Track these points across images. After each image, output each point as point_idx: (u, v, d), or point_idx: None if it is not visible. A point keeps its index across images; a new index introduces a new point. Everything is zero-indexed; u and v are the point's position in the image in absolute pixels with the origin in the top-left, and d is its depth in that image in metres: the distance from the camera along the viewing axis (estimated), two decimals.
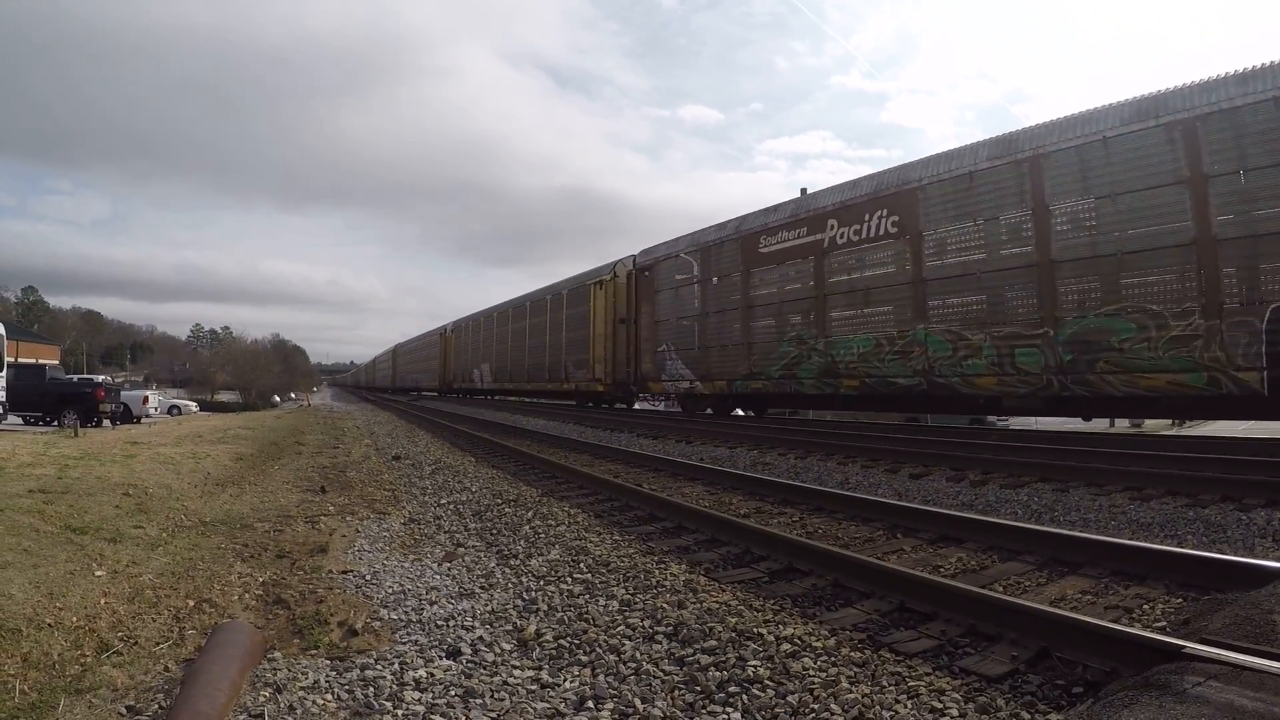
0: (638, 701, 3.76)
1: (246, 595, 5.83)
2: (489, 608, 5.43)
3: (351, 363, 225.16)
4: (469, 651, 4.55)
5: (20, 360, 41.69)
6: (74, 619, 4.80)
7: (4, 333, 23.19)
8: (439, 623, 5.13)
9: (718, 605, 5.20)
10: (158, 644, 4.67)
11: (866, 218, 17.20)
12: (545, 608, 5.37)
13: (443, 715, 3.68)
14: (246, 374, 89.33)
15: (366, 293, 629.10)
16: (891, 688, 3.78)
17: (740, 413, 24.41)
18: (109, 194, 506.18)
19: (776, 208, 20.74)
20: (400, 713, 3.71)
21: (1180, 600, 5.01)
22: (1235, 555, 5.87)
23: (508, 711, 3.70)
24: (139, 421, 32.28)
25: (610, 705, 3.74)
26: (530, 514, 8.89)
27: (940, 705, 3.56)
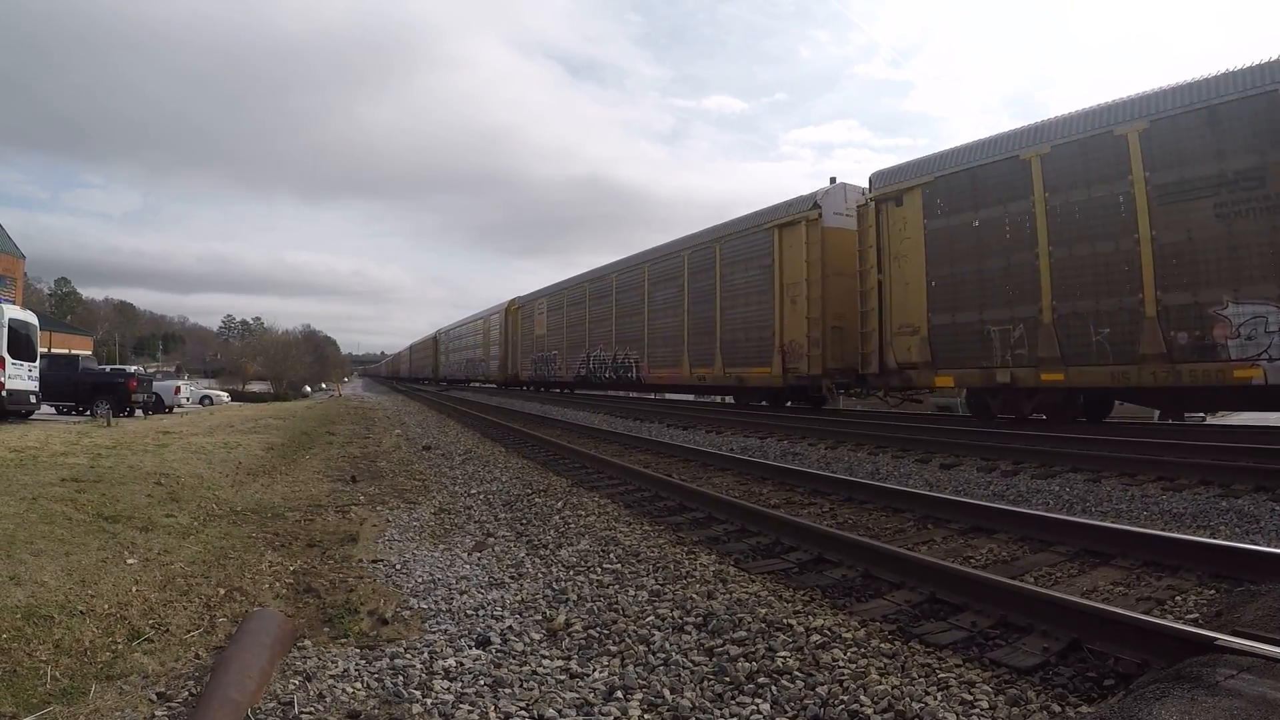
0: (667, 692, 3.75)
1: (277, 584, 5.88)
2: (519, 597, 5.44)
3: (382, 353, 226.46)
4: (498, 641, 4.56)
5: (53, 351, 42.22)
6: (106, 606, 4.85)
7: (38, 323, 23.46)
8: (469, 612, 5.15)
9: (747, 596, 5.20)
10: (189, 631, 4.72)
11: None
12: (575, 598, 5.38)
13: (472, 705, 3.69)
14: (278, 364, 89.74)
15: (392, 283, 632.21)
16: (921, 679, 3.76)
17: None
18: (140, 187, 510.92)
19: None
20: (429, 702, 3.72)
21: (1213, 592, 4.96)
22: (1269, 546, 5.80)
23: (537, 701, 3.70)
24: (171, 411, 32.57)
25: (639, 696, 3.73)
26: (560, 504, 8.91)
27: (971, 697, 3.54)
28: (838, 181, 20.99)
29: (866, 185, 19.07)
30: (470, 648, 4.48)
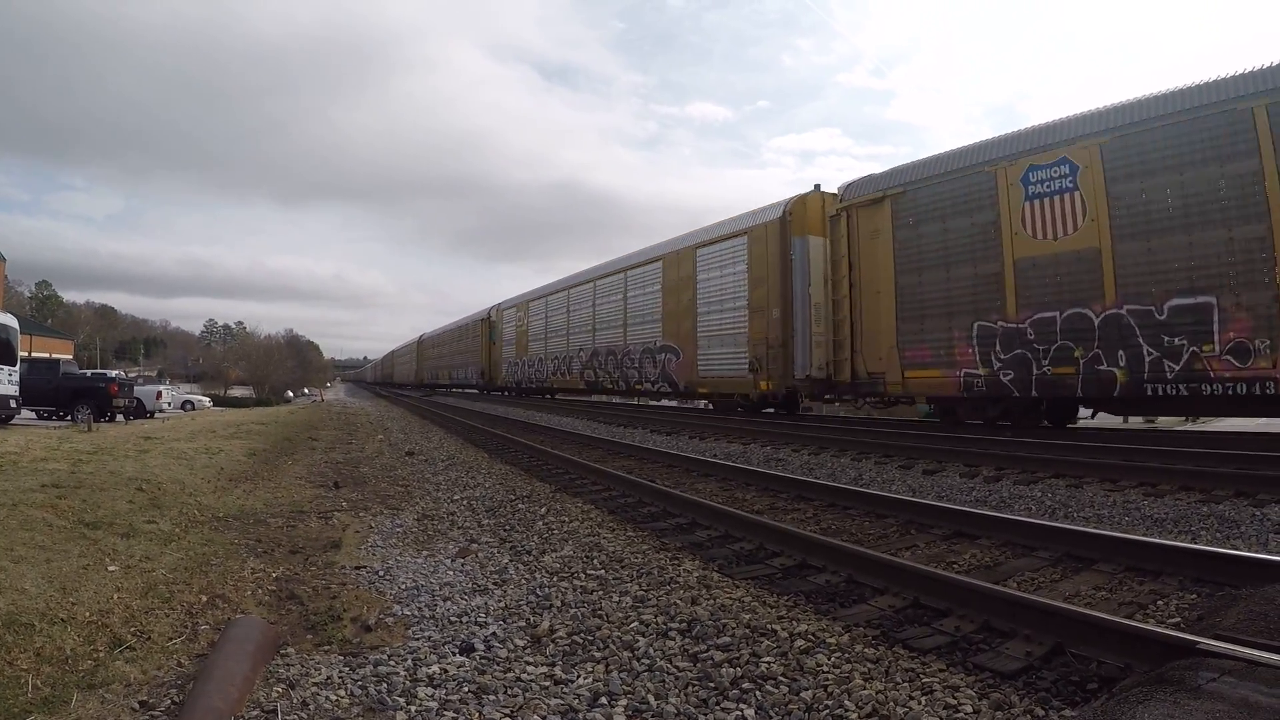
0: (651, 698, 3.75)
1: (260, 590, 5.85)
2: (502, 604, 5.43)
3: (365, 358, 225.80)
4: (482, 648, 4.54)
5: (34, 355, 41.92)
6: (87, 614, 4.81)
7: (18, 327, 23.30)
8: (452, 619, 5.13)
9: (731, 601, 5.20)
10: (170, 639, 4.69)
11: None
12: (559, 604, 5.37)
13: (456, 712, 3.68)
14: (260, 369, 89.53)
15: (373, 288, 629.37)
16: (905, 684, 3.77)
17: None
18: (122, 190, 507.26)
19: None
20: (413, 709, 3.70)
21: (1194, 596, 5.00)
22: (1249, 551, 5.86)
23: (521, 708, 3.69)
24: (152, 416, 32.36)
25: (624, 702, 3.73)
26: (544, 510, 8.90)
27: (954, 701, 3.55)
28: None
29: None
30: (454, 654, 4.46)
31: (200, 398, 56.80)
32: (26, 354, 30.24)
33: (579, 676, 4.08)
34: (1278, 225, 11.67)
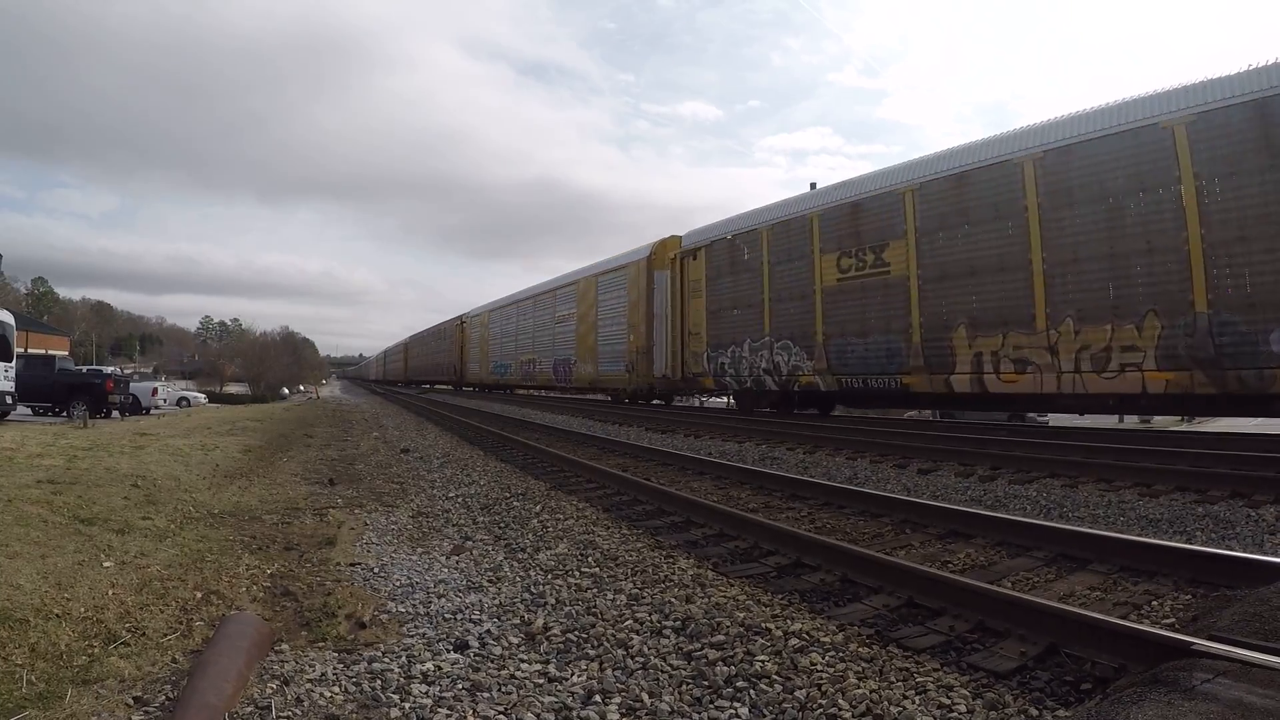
0: (645, 696, 3.75)
1: (254, 587, 5.83)
2: (497, 601, 5.43)
3: (360, 355, 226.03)
4: (476, 645, 4.54)
5: (30, 351, 41.86)
6: (82, 610, 4.80)
7: (14, 323, 23.25)
8: (447, 616, 5.13)
9: (726, 600, 5.20)
10: (165, 635, 4.68)
11: None
12: (553, 601, 5.37)
13: (450, 709, 3.67)
14: (255, 366, 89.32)
15: (363, 285, 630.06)
16: (899, 683, 3.77)
17: None
18: (116, 189, 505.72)
19: None
20: (408, 706, 3.70)
21: (1189, 597, 5.00)
22: (1244, 552, 5.85)
23: (515, 705, 3.69)
24: (148, 413, 32.37)
25: (618, 700, 3.73)
26: (538, 507, 8.89)
27: (948, 701, 3.55)
28: None
29: None
30: (448, 651, 4.46)
31: (196, 394, 56.67)
32: (23, 350, 30.21)
33: (573, 674, 4.08)
34: None
